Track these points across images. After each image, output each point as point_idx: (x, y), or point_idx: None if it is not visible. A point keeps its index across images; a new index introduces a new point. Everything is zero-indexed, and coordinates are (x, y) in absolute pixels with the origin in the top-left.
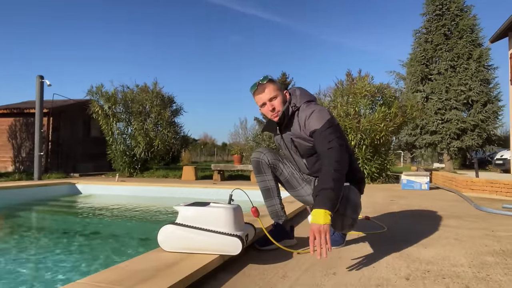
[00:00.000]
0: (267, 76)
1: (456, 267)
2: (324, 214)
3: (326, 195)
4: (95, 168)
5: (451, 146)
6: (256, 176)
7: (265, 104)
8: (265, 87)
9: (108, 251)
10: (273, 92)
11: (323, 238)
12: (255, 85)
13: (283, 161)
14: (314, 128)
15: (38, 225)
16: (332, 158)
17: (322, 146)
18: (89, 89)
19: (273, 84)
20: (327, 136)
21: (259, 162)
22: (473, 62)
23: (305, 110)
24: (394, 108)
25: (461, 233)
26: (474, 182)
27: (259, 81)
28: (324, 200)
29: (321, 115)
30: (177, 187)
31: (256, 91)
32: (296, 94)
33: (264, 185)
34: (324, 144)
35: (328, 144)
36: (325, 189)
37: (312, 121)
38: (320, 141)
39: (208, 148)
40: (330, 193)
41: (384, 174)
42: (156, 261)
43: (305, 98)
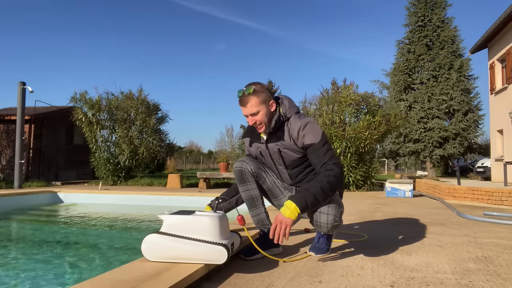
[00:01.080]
0: (251, 87)
1: (439, 274)
2: (294, 209)
3: (306, 195)
4: (78, 176)
5: (433, 154)
6: (240, 186)
7: (247, 117)
8: (247, 100)
9: (90, 261)
10: (255, 108)
11: (282, 229)
12: (240, 93)
13: (265, 170)
14: (311, 142)
15: (18, 235)
16: (331, 176)
17: (320, 163)
18: (73, 95)
19: (257, 97)
20: (326, 152)
21: (242, 171)
22: (454, 72)
23: (297, 121)
24: (378, 116)
25: (444, 240)
26: (456, 189)
27: (244, 90)
28: (301, 199)
29: (316, 129)
30: (162, 195)
31: (240, 101)
32: (284, 103)
33: (248, 194)
34: (323, 161)
35: (328, 162)
36: (309, 191)
37: (308, 135)
38: (318, 156)
39: (194, 156)
40: (310, 197)
41: (369, 181)
42: (139, 271)
43: (294, 108)
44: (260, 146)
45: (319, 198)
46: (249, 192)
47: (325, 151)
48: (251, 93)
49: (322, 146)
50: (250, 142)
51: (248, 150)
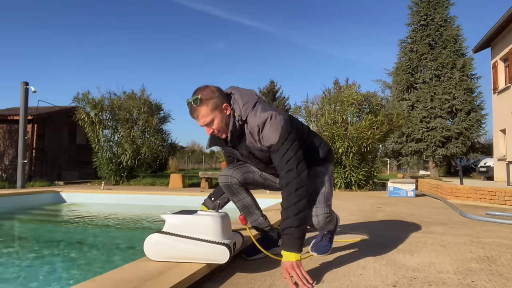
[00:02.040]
0: (197, 97)
1: (442, 274)
2: (295, 256)
3: (292, 235)
4: (81, 176)
5: (436, 154)
6: (231, 197)
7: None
8: (197, 111)
9: (92, 261)
10: (207, 117)
11: (299, 273)
12: (188, 104)
13: (251, 170)
14: (270, 144)
15: (20, 234)
16: (292, 185)
17: (280, 165)
18: (75, 95)
19: (206, 105)
20: (284, 154)
21: (229, 185)
22: (457, 72)
23: (254, 120)
24: (380, 116)
25: (446, 239)
26: (458, 189)
27: (191, 100)
28: (292, 242)
29: (275, 126)
30: (164, 195)
31: (189, 113)
32: (237, 101)
33: (241, 203)
34: (280, 163)
35: (286, 166)
36: (290, 227)
37: (267, 135)
38: (277, 159)
39: (196, 156)
40: (296, 232)
41: (371, 181)
42: (141, 270)
43: (249, 104)
44: (232, 150)
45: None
46: (241, 201)
47: (282, 154)
48: (198, 103)
49: (281, 145)
50: (222, 147)
51: (225, 152)
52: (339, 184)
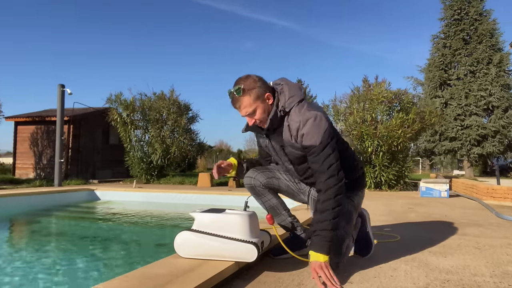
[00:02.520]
0: (240, 87)
1: (477, 277)
2: (323, 257)
3: (325, 237)
4: (114, 174)
5: (471, 153)
6: (256, 199)
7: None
8: (239, 101)
9: (125, 256)
10: (250, 108)
11: (328, 274)
12: (229, 95)
13: (276, 176)
14: (309, 144)
15: (58, 231)
16: (332, 191)
17: (320, 169)
18: (108, 97)
19: (249, 95)
20: (325, 160)
21: (253, 187)
22: (493, 67)
23: (297, 115)
24: (412, 114)
25: (482, 241)
26: (495, 189)
27: (232, 91)
28: (322, 244)
29: (318, 128)
30: (193, 194)
31: (231, 103)
32: (284, 92)
33: (267, 205)
34: (321, 167)
35: (328, 171)
36: (324, 230)
37: (308, 135)
38: (316, 162)
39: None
40: (329, 235)
41: (402, 181)
42: (172, 267)
43: (295, 98)
44: (265, 140)
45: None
46: (268, 202)
47: (324, 158)
48: (241, 93)
49: (322, 150)
50: (257, 135)
51: (258, 142)
52: (369, 183)
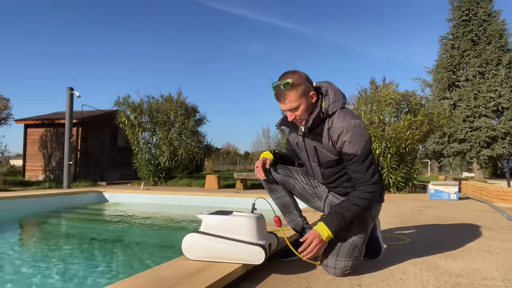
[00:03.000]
0: (288, 80)
1: (487, 281)
2: (328, 234)
3: (341, 219)
4: (122, 176)
5: (480, 155)
6: (270, 194)
7: (286, 112)
8: (285, 95)
9: (133, 258)
10: (294, 103)
11: (317, 248)
12: (275, 87)
13: (293, 176)
14: (352, 153)
15: (67, 232)
16: (368, 200)
17: (359, 180)
18: (116, 99)
19: (296, 90)
20: (368, 169)
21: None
22: (503, 68)
23: (342, 120)
24: (420, 116)
25: (492, 245)
26: (506, 192)
27: (279, 83)
28: (336, 221)
29: (361, 136)
30: (200, 196)
31: (275, 95)
32: (329, 95)
33: (279, 202)
34: (362, 178)
35: (368, 183)
36: (343, 215)
37: (350, 143)
38: (358, 171)
39: (230, 157)
40: (344, 219)
41: (411, 183)
42: (180, 269)
43: (339, 102)
44: (298, 137)
45: (353, 223)
46: (280, 200)
47: (367, 167)
48: (289, 87)
49: (364, 160)
50: (289, 131)
51: (287, 138)
52: None
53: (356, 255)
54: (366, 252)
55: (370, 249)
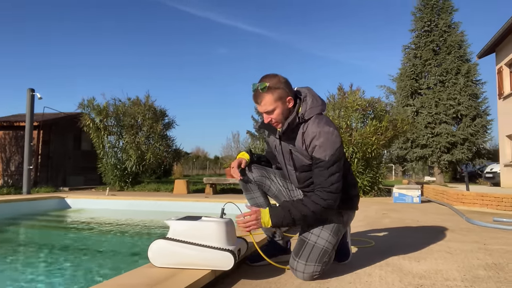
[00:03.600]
0: (265, 83)
1: (449, 281)
2: (268, 223)
3: (285, 214)
4: (86, 182)
5: (441, 160)
6: (245, 193)
7: (263, 113)
8: (261, 97)
9: (97, 266)
10: (270, 106)
11: (250, 227)
12: (254, 88)
13: (270, 177)
14: (319, 157)
15: (26, 240)
16: (320, 206)
17: (323, 183)
18: (81, 102)
19: (272, 94)
20: (330, 176)
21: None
22: (462, 77)
23: (314, 126)
24: (385, 122)
25: (453, 246)
26: (465, 195)
27: (258, 86)
28: (280, 217)
29: (332, 143)
30: (169, 201)
31: (253, 97)
32: (307, 101)
33: (253, 202)
34: (325, 182)
35: (330, 187)
36: (290, 212)
37: (320, 148)
38: (320, 175)
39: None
40: (288, 218)
41: (376, 187)
42: (146, 277)
43: (316, 109)
44: (276, 140)
45: (297, 223)
46: (254, 200)
47: (330, 174)
48: (264, 89)
49: (329, 167)
50: (269, 133)
51: (267, 140)
52: None
53: (325, 260)
54: (336, 256)
55: (340, 253)
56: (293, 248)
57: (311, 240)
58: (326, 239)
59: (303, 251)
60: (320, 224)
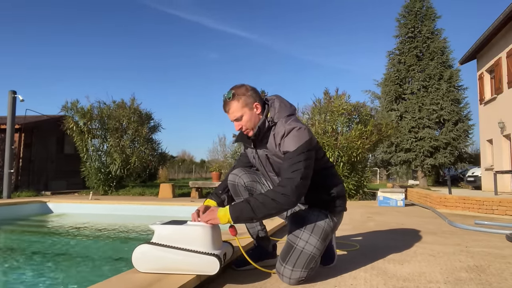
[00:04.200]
0: (231, 92)
1: (432, 284)
2: (227, 218)
3: (245, 208)
4: (69, 186)
5: (424, 164)
6: (235, 198)
7: (233, 122)
8: (228, 106)
9: (79, 272)
10: (238, 113)
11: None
12: (223, 98)
13: (261, 181)
14: (286, 150)
15: (6, 245)
16: (279, 194)
17: (285, 171)
18: (64, 104)
19: (237, 101)
20: (293, 164)
21: (235, 185)
22: (444, 83)
23: (283, 125)
24: (370, 126)
25: (436, 249)
26: (447, 198)
27: (225, 95)
28: (238, 210)
29: (299, 137)
30: (154, 205)
31: (223, 106)
32: (275, 106)
33: None
34: (287, 170)
35: (291, 174)
36: (249, 202)
37: (288, 141)
38: (286, 165)
39: (186, 165)
40: (247, 210)
41: (361, 191)
42: (130, 282)
43: (284, 112)
44: (252, 151)
45: (257, 214)
46: None
47: (293, 163)
48: (231, 97)
49: (295, 156)
50: (245, 146)
51: (244, 152)
52: None
53: (312, 266)
54: (321, 259)
55: (325, 256)
56: (280, 252)
57: (299, 245)
58: (314, 245)
59: (290, 257)
60: (308, 230)
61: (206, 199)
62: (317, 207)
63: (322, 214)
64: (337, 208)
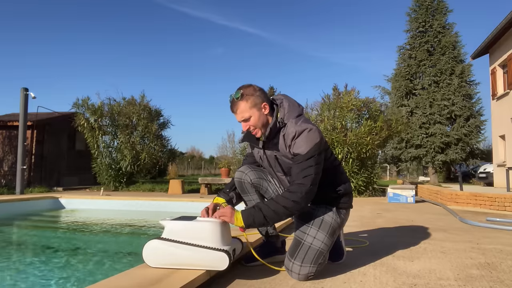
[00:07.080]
0: (239, 92)
1: (442, 280)
2: (240, 221)
3: (256, 214)
4: (80, 182)
5: (435, 160)
6: (242, 195)
7: (241, 122)
8: (236, 106)
9: (91, 267)
10: (246, 113)
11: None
12: (230, 98)
13: (267, 179)
14: (297, 152)
15: (19, 241)
16: (290, 200)
17: (295, 176)
18: (75, 101)
19: (246, 101)
20: (304, 169)
21: (242, 182)
22: (456, 78)
23: (293, 126)
24: (379, 122)
25: (446, 246)
26: (458, 195)
27: (232, 95)
28: (250, 213)
29: (310, 138)
30: (164, 201)
31: (230, 107)
32: (284, 106)
33: (250, 204)
34: (298, 175)
35: (302, 180)
36: (261, 211)
37: (299, 143)
38: (296, 169)
39: (195, 162)
40: (259, 217)
41: (371, 187)
42: (140, 277)
43: (294, 112)
44: (260, 151)
45: (269, 221)
46: (251, 202)
47: (304, 168)
48: (239, 98)
49: (306, 160)
50: (250, 145)
51: (252, 152)
52: None
53: (321, 261)
54: (330, 255)
55: (334, 253)
56: (288, 248)
57: (307, 241)
58: (322, 240)
59: (298, 252)
60: (316, 225)
61: (216, 196)
62: (323, 204)
63: (329, 210)
64: (343, 205)
